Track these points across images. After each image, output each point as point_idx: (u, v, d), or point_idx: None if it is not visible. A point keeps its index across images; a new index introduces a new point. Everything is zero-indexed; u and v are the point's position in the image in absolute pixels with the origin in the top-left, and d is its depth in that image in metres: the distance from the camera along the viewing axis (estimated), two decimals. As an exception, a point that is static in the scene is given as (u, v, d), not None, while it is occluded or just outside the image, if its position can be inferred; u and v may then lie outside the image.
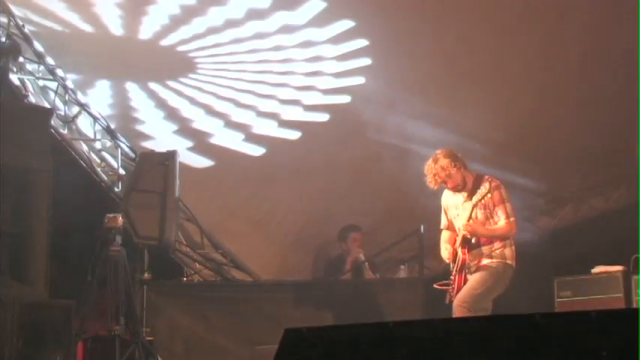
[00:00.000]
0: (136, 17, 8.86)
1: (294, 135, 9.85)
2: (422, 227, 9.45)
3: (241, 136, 9.82)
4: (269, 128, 9.78)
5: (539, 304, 8.88)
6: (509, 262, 7.28)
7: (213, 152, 9.86)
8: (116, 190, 9.49)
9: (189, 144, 9.74)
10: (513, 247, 7.32)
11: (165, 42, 9.07)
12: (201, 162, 9.84)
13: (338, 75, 9.39)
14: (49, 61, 9.18)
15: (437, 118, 9.47)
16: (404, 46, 9.07)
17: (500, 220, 7.22)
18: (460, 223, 7.28)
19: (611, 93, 9.24)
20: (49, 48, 9.13)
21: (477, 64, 9.12)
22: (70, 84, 9.29)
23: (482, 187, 7.08)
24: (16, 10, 8.84)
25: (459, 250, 7.21)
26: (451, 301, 7.30)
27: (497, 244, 7.25)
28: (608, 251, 8.79)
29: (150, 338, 8.35)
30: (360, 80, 9.43)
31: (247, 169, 9.95)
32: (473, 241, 7.21)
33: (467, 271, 7.23)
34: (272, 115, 9.71)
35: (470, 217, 7.14)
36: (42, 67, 9.20)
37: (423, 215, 9.18)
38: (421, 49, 9.03)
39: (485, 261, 7.24)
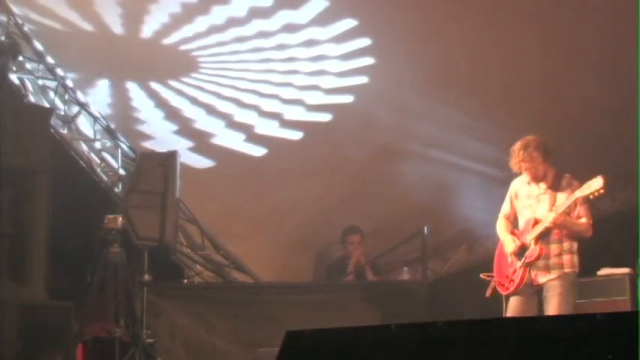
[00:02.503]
0: (137, 16, 8.86)
1: (296, 135, 9.81)
2: (425, 229, 9.39)
3: (243, 136, 9.79)
4: (271, 128, 9.74)
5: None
6: (576, 270, 7.12)
7: (215, 152, 9.84)
8: (116, 190, 9.48)
9: (190, 144, 9.72)
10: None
11: (166, 41, 9.06)
12: (202, 162, 9.82)
13: (341, 74, 9.35)
14: (49, 60, 9.16)
15: (441, 118, 9.43)
16: (407, 46, 9.04)
17: (582, 219, 7.08)
18: (530, 214, 7.06)
19: (615, 92, 9.19)
20: (48, 47, 9.12)
21: (481, 62, 9.08)
22: (69, 83, 9.28)
23: (593, 183, 6.84)
24: (15, 9, 8.83)
25: (532, 243, 7.04)
26: (493, 294, 7.11)
27: (566, 244, 7.05)
28: (614, 253, 8.73)
29: (150, 340, 8.30)
30: (363, 80, 9.40)
31: (249, 170, 9.92)
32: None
33: (535, 267, 6.99)
34: (274, 115, 9.68)
35: (567, 211, 6.95)
36: (42, 66, 9.20)
37: (426, 217, 9.12)
38: (424, 48, 9.00)
39: (556, 271, 7.00)
